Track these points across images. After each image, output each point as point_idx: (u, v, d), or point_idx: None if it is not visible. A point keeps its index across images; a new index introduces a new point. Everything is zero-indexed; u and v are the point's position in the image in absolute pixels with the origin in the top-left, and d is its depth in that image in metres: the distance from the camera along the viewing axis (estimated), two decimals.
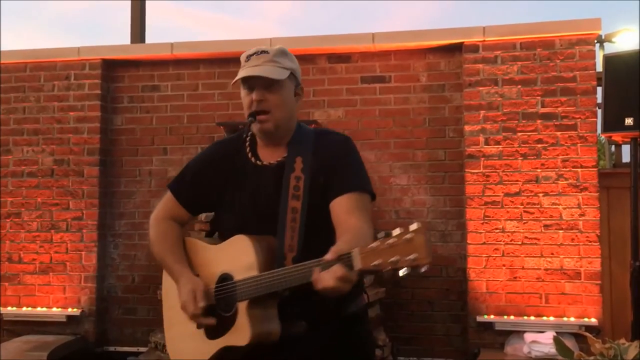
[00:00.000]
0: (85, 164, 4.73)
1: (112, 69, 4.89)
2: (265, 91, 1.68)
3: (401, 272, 1.31)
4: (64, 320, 4.58)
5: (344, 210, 1.63)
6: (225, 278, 1.67)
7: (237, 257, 1.64)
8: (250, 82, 1.68)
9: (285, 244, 1.62)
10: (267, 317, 1.61)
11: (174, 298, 1.77)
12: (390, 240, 1.32)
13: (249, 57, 1.71)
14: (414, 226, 1.31)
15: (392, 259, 1.31)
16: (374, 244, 1.34)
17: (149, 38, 6.30)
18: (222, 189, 1.80)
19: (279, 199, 1.67)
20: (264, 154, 1.78)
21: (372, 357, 1.95)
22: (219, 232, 1.85)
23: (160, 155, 4.81)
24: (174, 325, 1.82)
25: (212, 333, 1.68)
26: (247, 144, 1.80)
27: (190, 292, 1.67)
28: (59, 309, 4.63)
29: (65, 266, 4.68)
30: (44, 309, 4.64)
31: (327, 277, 1.38)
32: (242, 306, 1.60)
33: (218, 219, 1.88)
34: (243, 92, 1.72)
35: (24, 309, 4.64)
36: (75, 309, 4.61)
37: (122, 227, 4.82)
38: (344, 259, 1.38)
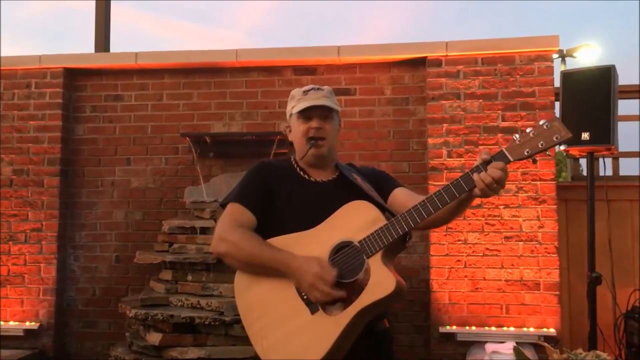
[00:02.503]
0: (45, 174, 4.64)
1: (74, 78, 4.82)
2: (323, 121, 1.98)
3: (548, 152, 1.69)
4: (22, 334, 4.46)
5: (408, 194, 1.99)
6: (341, 247, 1.77)
7: (353, 220, 1.79)
8: (310, 113, 1.97)
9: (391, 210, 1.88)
10: (395, 272, 1.75)
11: (267, 302, 1.80)
12: (531, 133, 1.66)
13: (306, 92, 2.00)
14: (543, 120, 1.65)
15: (539, 144, 1.65)
16: (517, 140, 1.67)
17: (115, 45, 6.24)
18: (279, 198, 1.93)
19: (356, 194, 1.87)
20: (313, 174, 2.01)
21: None
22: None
23: (124, 165, 4.75)
24: (276, 329, 1.79)
25: (335, 308, 1.72)
26: (295, 164, 2.04)
27: (318, 264, 1.74)
28: (17, 323, 4.51)
29: (23, 278, 4.57)
30: (1, 322, 4.51)
31: (490, 172, 1.66)
32: (374, 260, 1.73)
33: (268, 229, 1.90)
34: (298, 122, 1.99)
35: None
36: (33, 323, 4.50)
37: (83, 238, 4.74)
38: (497, 156, 1.68)
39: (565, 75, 3.83)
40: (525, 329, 4.01)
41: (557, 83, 4.16)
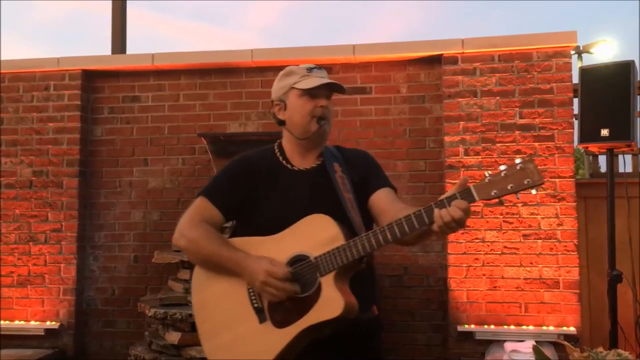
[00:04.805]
0: (64, 175, 4.69)
1: (92, 80, 4.86)
2: (328, 100, 1.92)
3: (517, 195, 1.60)
4: (42, 333, 4.51)
5: (389, 199, 1.88)
6: (297, 260, 1.74)
7: (313, 234, 1.74)
8: (317, 91, 1.90)
9: (357, 224, 1.80)
10: (349, 292, 1.71)
11: (218, 303, 1.82)
12: (503, 173, 1.57)
13: (310, 69, 1.94)
14: (519, 159, 1.57)
15: (509, 187, 1.57)
16: (487, 178, 1.58)
17: (130, 48, 6.29)
18: (256, 193, 1.90)
19: (328, 194, 1.83)
20: (296, 162, 1.95)
21: None
22: (249, 235, 1.87)
23: (141, 166, 4.79)
24: (223, 331, 1.81)
25: (283, 320, 1.72)
26: (278, 153, 1.98)
27: (268, 262, 1.73)
28: (37, 323, 4.57)
29: (43, 279, 4.62)
30: (22, 322, 4.58)
31: (451, 210, 1.56)
32: (327, 280, 1.69)
33: (248, 223, 1.91)
34: (302, 99, 1.90)
35: (1, 322, 4.56)
36: (53, 322, 4.55)
37: (102, 239, 4.78)
38: (464, 193, 1.58)
39: (584, 72, 3.79)
40: (544, 328, 3.98)
41: (575, 79, 4.13)
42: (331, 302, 1.66)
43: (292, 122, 1.93)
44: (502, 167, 1.57)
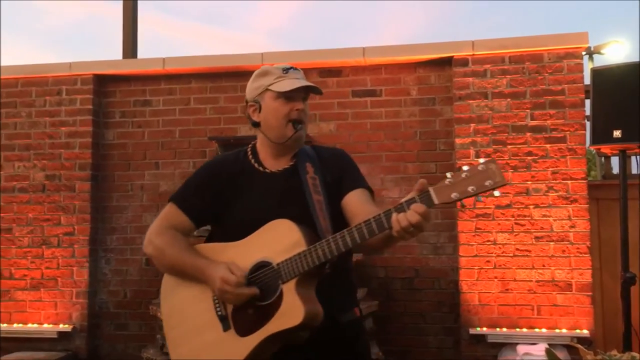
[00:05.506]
0: (76, 179, 4.72)
1: (103, 84, 4.90)
2: (303, 103, 1.86)
3: (479, 198, 1.50)
4: (55, 336, 4.55)
5: (361, 201, 1.81)
6: (260, 266, 1.70)
7: (276, 240, 1.70)
8: (293, 94, 1.83)
9: (323, 227, 1.72)
10: (312, 298, 1.66)
11: (185, 311, 1.80)
12: (464, 174, 1.48)
13: (286, 70, 1.86)
14: (482, 159, 1.50)
15: (469, 189, 1.48)
16: (448, 180, 1.49)
17: (141, 51, 6.32)
18: (227, 197, 1.86)
19: (297, 197, 1.77)
20: (269, 164, 1.89)
21: None
22: (222, 239, 1.84)
23: (152, 169, 4.81)
24: (189, 339, 1.79)
25: (246, 328, 1.69)
26: (250, 155, 1.92)
27: (226, 268, 1.69)
28: (50, 325, 4.60)
29: (56, 282, 4.66)
30: (35, 325, 4.61)
31: (409, 215, 1.49)
32: (288, 287, 1.64)
33: (221, 228, 1.88)
34: (277, 101, 1.83)
35: (15, 325, 4.61)
36: (66, 325, 4.58)
37: (114, 242, 4.81)
38: (422, 197, 1.51)
39: (595, 73, 3.76)
40: (557, 331, 3.96)
41: (586, 80, 4.10)
42: (292, 310, 1.62)
43: (267, 125, 1.86)
44: (465, 168, 1.50)
